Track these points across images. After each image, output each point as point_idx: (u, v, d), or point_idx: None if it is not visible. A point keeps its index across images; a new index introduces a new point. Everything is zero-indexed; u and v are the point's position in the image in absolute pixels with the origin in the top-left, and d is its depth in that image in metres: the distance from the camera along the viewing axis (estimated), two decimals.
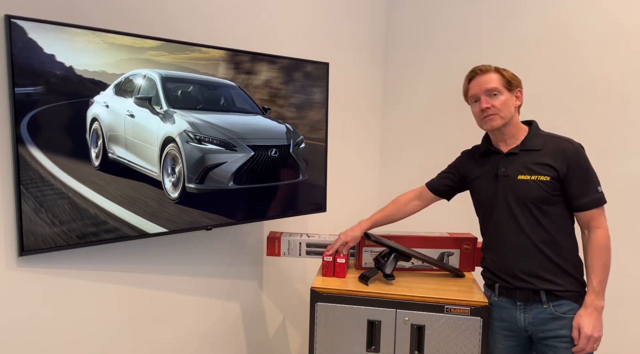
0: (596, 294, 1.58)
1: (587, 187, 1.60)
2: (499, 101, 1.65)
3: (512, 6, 2.51)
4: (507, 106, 1.65)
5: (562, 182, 1.61)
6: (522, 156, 1.66)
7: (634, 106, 2.18)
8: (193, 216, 1.94)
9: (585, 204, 1.60)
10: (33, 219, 1.59)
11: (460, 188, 1.91)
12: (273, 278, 2.57)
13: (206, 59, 1.93)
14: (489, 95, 1.66)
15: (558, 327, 1.62)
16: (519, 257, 1.66)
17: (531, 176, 1.62)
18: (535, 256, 1.64)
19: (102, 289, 1.88)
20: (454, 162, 1.93)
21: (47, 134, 1.59)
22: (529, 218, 1.64)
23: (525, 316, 1.67)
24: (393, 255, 1.91)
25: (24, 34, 1.51)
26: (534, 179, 1.62)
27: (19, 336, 1.68)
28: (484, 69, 1.70)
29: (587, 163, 1.62)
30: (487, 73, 1.68)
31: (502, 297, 1.72)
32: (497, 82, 1.65)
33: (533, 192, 1.61)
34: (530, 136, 1.69)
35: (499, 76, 1.66)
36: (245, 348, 2.48)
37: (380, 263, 1.91)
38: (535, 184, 1.61)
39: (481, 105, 1.68)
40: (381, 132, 3.06)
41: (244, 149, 2.04)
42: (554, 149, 1.62)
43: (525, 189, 1.63)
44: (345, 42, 2.77)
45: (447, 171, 1.93)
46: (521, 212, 1.64)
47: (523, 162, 1.65)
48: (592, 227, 1.61)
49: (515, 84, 1.67)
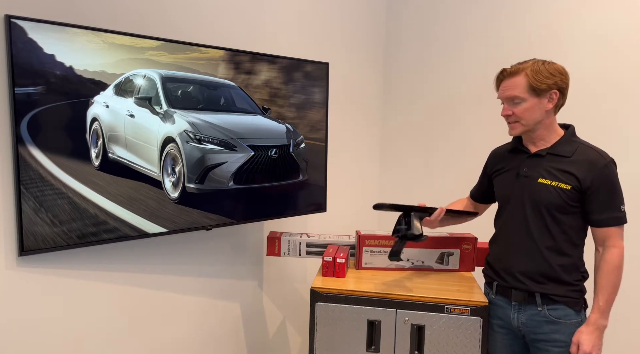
0: (601, 313, 1.54)
1: (610, 204, 1.54)
2: (520, 109, 1.58)
3: (512, 6, 2.51)
4: (530, 112, 1.58)
5: (582, 194, 1.55)
6: (548, 159, 1.61)
7: (633, 106, 2.18)
8: (193, 216, 1.94)
9: (604, 220, 1.55)
10: (33, 219, 1.59)
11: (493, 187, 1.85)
12: (273, 278, 2.57)
13: (206, 59, 1.93)
14: (510, 102, 1.60)
15: (551, 331, 1.61)
16: (520, 259, 1.65)
17: (552, 181, 1.58)
18: (537, 260, 1.62)
19: (102, 289, 1.88)
20: (486, 162, 1.89)
21: (47, 134, 1.59)
22: (540, 223, 1.61)
23: (519, 317, 1.66)
24: (412, 214, 1.74)
25: (24, 34, 1.51)
26: (554, 185, 1.57)
27: (19, 336, 1.68)
28: (512, 70, 1.60)
29: (615, 180, 1.56)
30: (513, 77, 1.58)
31: (499, 295, 1.73)
32: (520, 89, 1.57)
33: (550, 198, 1.57)
34: (562, 141, 1.62)
35: (525, 81, 1.56)
36: (245, 348, 2.48)
37: (403, 231, 1.73)
38: (554, 190, 1.57)
39: (502, 111, 1.64)
40: (381, 132, 3.06)
41: (244, 149, 2.04)
42: (582, 159, 1.56)
43: (543, 193, 1.59)
44: (345, 42, 2.77)
45: (481, 173, 1.92)
46: (533, 215, 1.61)
47: (547, 166, 1.61)
48: (608, 246, 1.56)
49: (545, 87, 1.55)
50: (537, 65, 1.56)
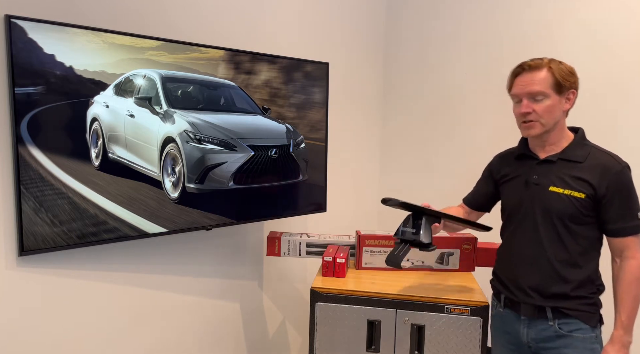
0: (624, 329, 1.44)
1: (626, 212, 1.44)
2: (542, 106, 1.45)
3: (511, 5, 2.51)
4: (551, 112, 1.45)
5: (597, 202, 1.44)
6: (560, 166, 1.49)
7: (633, 106, 2.18)
8: (193, 216, 1.94)
9: (621, 229, 1.44)
10: (33, 219, 1.59)
11: (497, 194, 1.72)
12: (273, 278, 2.57)
13: (206, 59, 1.93)
14: (531, 98, 1.46)
15: (562, 345, 1.49)
16: (530, 271, 1.53)
17: (564, 189, 1.46)
18: (548, 273, 1.50)
19: (102, 289, 1.88)
20: (486, 168, 1.76)
21: (47, 134, 1.59)
22: (552, 234, 1.49)
23: (528, 332, 1.55)
24: (424, 218, 1.51)
25: (24, 34, 1.51)
26: (567, 193, 1.46)
27: (19, 336, 1.68)
28: (534, 64, 1.46)
29: (631, 186, 1.45)
30: (536, 70, 1.45)
31: (507, 309, 1.61)
32: (545, 84, 1.44)
33: (562, 208, 1.46)
34: (573, 145, 1.50)
35: (550, 76, 1.43)
36: (245, 347, 2.48)
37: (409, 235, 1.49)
38: (567, 199, 1.45)
39: (521, 109, 1.48)
40: (381, 132, 3.06)
41: (244, 149, 2.04)
42: (596, 165, 1.45)
43: (555, 202, 1.47)
44: (345, 42, 2.77)
45: (481, 178, 1.78)
46: (545, 226, 1.50)
47: (559, 173, 1.49)
48: (626, 257, 1.45)
49: (568, 85, 1.45)
50: (556, 63, 1.46)
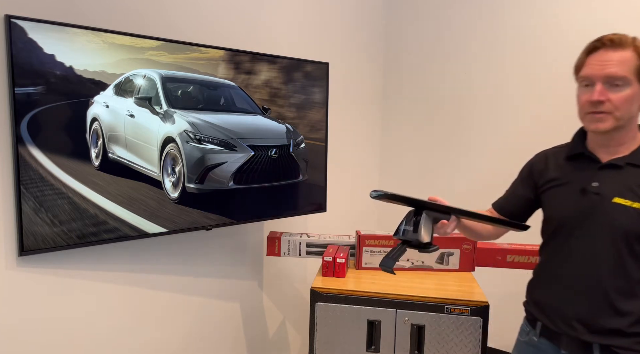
0: None
1: None
2: (619, 96, 1.17)
3: (512, 5, 2.51)
4: (629, 103, 1.18)
5: None
6: (629, 172, 1.22)
7: None
8: (193, 216, 1.94)
9: None
10: (33, 219, 1.59)
11: (536, 202, 1.42)
12: (273, 278, 2.57)
13: (206, 59, 1.93)
14: (608, 83, 1.17)
15: None
16: (577, 300, 1.27)
17: (634, 202, 1.19)
18: (600, 303, 1.23)
19: (102, 289, 1.88)
20: (525, 167, 1.45)
21: (47, 134, 1.59)
22: (611, 255, 1.21)
23: None
24: (424, 214, 1.25)
25: (24, 34, 1.51)
26: (636, 206, 1.18)
27: (19, 336, 1.68)
28: (617, 40, 1.17)
29: None
30: (619, 48, 1.16)
31: (544, 339, 1.34)
32: (628, 67, 1.15)
33: (630, 224, 1.18)
34: None
35: (635, 58, 1.16)
36: (245, 347, 2.48)
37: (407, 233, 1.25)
38: (636, 214, 1.18)
39: (592, 95, 1.19)
40: (381, 132, 3.07)
41: (244, 149, 2.04)
42: None
43: (620, 216, 1.19)
44: (345, 42, 2.77)
45: (517, 179, 1.48)
46: (604, 246, 1.22)
47: (627, 181, 1.21)
48: None
49: None
50: None
